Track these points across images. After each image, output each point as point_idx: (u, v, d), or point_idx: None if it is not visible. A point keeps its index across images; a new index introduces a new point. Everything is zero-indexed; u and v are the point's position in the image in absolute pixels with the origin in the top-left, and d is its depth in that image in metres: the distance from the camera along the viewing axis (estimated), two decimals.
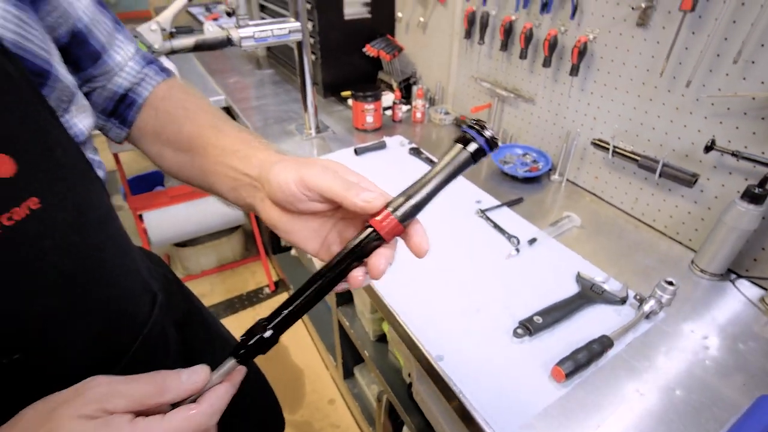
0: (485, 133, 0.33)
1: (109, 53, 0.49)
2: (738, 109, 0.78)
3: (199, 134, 0.46)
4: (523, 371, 0.67)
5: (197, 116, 0.48)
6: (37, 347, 0.34)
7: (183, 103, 0.51)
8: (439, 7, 1.41)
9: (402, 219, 0.34)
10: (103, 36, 0.47)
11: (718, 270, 0.83)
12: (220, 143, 0.45)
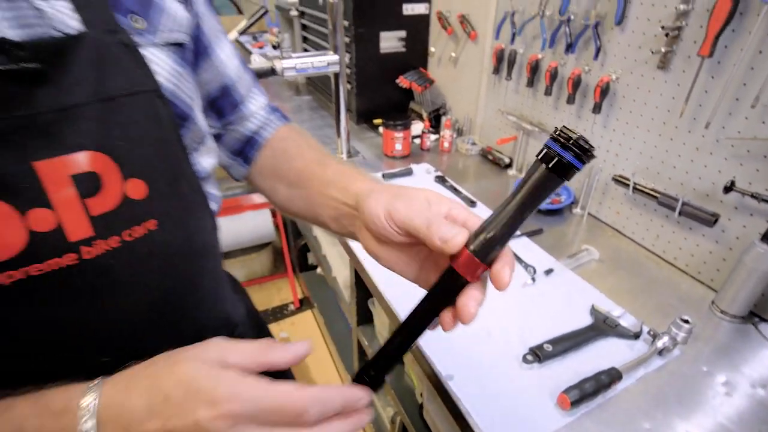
0: (572, 146, 0.28)
1: (246, 104, 0.58)
2: (758, 152, 0.79)
3: (305, 168, 0.52)
4: (529, 396, 0.69)
5: (305, 153, 0.55)
6: (124, 354, 0.36)
7: (296, 142, 0.58)
8: (470, 44, 1.48)
9: (483, 257, 0.32)
10: (243, 90, 0.57)
11: (740, 312, 0.82)
12: (323, 176, 0.49)
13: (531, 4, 1.17)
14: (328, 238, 1.52)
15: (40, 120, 0.32)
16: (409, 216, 0.36)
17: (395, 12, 1.58)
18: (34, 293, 0.33)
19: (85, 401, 0.27)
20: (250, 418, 0.29)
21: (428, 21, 1.65)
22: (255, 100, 0.59)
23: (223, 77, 0.54)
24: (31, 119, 0.31)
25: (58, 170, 0.32)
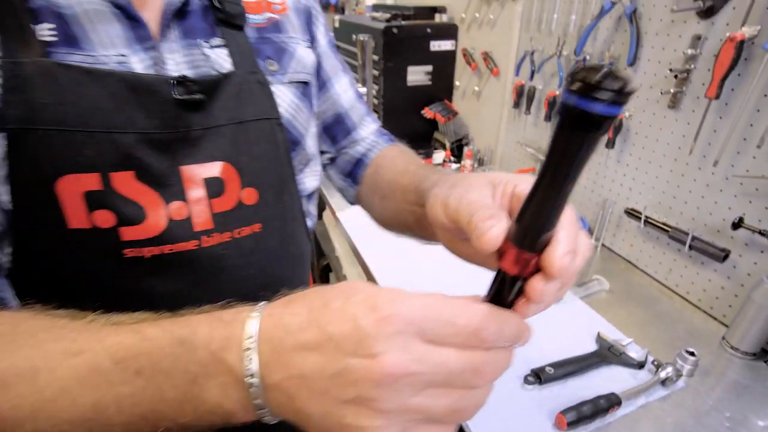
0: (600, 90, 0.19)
1: (358, 130, 0.64)
2: (766, 190, 0.80)
3: (393, 179, 0.54)
4: (528, 416, 0.71)
5: (396, 163, 0.57)
6: None
7: (392, 158, 0.60)
8: (492, 79, 1.55)
9: (530, 247, 0.26)
10: (355, 118, 0.64)
11: (751, 349, 0.82)
12: (403, 183, 0.50)
13: (549, 44, 1.24)
14: (348, 259, 1.58)
15: (192, 135, 0.41)
16: (457, 208, 0.32)
17: (423, 48, 1.69)
18: (162, 268, 0.41)
19: (253, 313, 0.27)
20: (416, 330, 0.24)
21: (454, 57, 1.75)
22: (366, 126, 0.65)
23: (337, 107, 0.61)
24: (186, 134, 0.41)
25: (196, 174, 0.42)
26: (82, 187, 0.38)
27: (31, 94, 0.36)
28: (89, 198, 0.38)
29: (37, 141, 0.36)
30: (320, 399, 0.25)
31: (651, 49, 0.97)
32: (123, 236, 0.39)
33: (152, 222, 0.40)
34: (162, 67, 0.42)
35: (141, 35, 0.41)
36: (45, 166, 0.37)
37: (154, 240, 0.40)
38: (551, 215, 0.25)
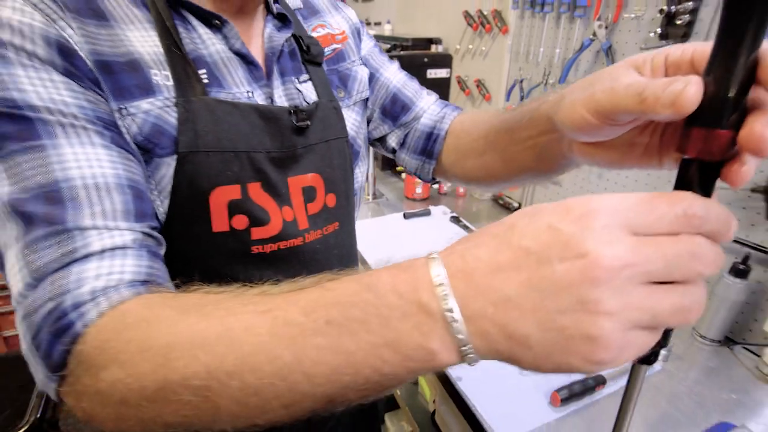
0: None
1: (416, 103, 0.67)
2: (723, 200, 0.94)
3: (489, 130, 0.54)
4: (527, 395, 0.81)
5: (483, 119, 0.58)
6: None
7: (471, 119, 0.63)
8: (485, 104, 1.70)
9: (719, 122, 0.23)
10: (410, 93, 0.67)
11: (717, 336, 0.93)
12: (507, 127, 0.49)
13: (537, 73, 1.39)
14: None
15: (296, 153, 0.51)
16: (612, 99, 0.28)
17: (421, 76, 1.83)
18: (277, 261, 0.50)
19: (432, 256, 0.26)
20: (620, 221, 0.22)
21: (449, 83, 1.90)
22: (424, 98, 0.67)
23: (390, 89, 0.66)
24: (294, 152, 0.51)
25: (297, 183, 0.51)
26: (227, 197, 0.46)
27: (196, 125, 0.44)
28: (231, 205, 0.46)
29: (199, 162, 0.44)
30: (534, 316, 0.23)
31: None
32: (252, 236, 0.48)
33: (274, 223, 0.49)
34: (273, 100, 0.52)
35: (257, 75, 0.51)
36: (203, 182, 0.44)
37: (274, 238, 0.49)
38: (741, 84, 0.21)
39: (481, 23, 1.61)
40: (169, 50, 0.44)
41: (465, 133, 0.61)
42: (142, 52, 0.43)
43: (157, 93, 0.43)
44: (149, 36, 0.44)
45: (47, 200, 0.35)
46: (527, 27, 1.40)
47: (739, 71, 0.22)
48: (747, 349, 0.92)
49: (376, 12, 2.59)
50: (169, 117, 0.43)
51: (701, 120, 0.23)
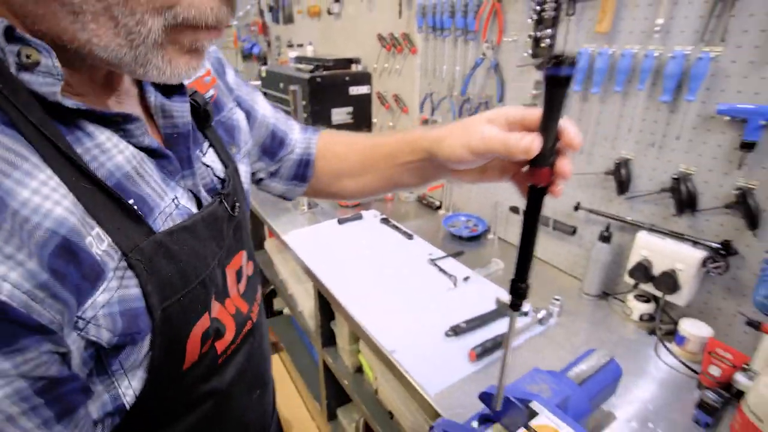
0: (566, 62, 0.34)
1: (289, 135, 0.68)
2: (590, 183, 1.17)
3: (365, 155, 0.63)
4: (450, 357, 0.96)
5: (355, 145, 0.66)
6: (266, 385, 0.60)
7: (340, 144, 0.69)
8: (403, 116, 1.89)
9: (547, 163, 0.40)
10: (283, 125, 0.68)
11: (596, 292, 1.16)
12: (385, 152, 0.60)
13: (443, 87, 1.60)
14: (295, 276, 1.76)
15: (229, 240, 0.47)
16: (488, 142, 0.44)
17: (344, 93, 1.99)
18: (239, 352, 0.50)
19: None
20: None
21: (370, 99, 2.07)
22: (293, 130, 0.70)
23: (268, 125, 0.66)
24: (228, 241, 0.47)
25: (232, 270, 0.47)
26: (200, 330, 0.41)
27: (160, 277, 0.36)
28: (203, 336, 0.41)
29: (174, 315, 0.38)
30: None
31: (511, 90, 1.35)
32: (218, 350, 0.45)
33: (229, 326, 0.46)
34: (198, 194, 0.44)
35: (171, 170, 0.41)
36: (181, 331, 0.39)
37: (234, 338, 0.47)
38: (554, 141, 0.40)
39: (394, 45, 1.80)
40: (77, 187, 0.32)
41: (338, 158, 0.68)
42: (61, 216, 0.30)
43: (105, 271, 0.33)
44: (48, 180, 0.31)
45: None
46: (432, 48, 1.61)
47: (552, 135, 0.40)
48: (616, 298, 1.16)
49: (298, 34, 2.72)
50: (129, 290, 0.35)
51: (537, 162, 0.41)
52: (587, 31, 1.08)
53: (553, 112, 0.39)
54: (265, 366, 0.60)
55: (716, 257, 0.93)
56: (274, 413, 0.68)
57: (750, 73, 0.82)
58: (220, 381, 0.47)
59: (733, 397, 0.80)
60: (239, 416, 0.53)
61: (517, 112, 0.45)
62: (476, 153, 0.46)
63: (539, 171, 0.42)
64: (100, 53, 0.32)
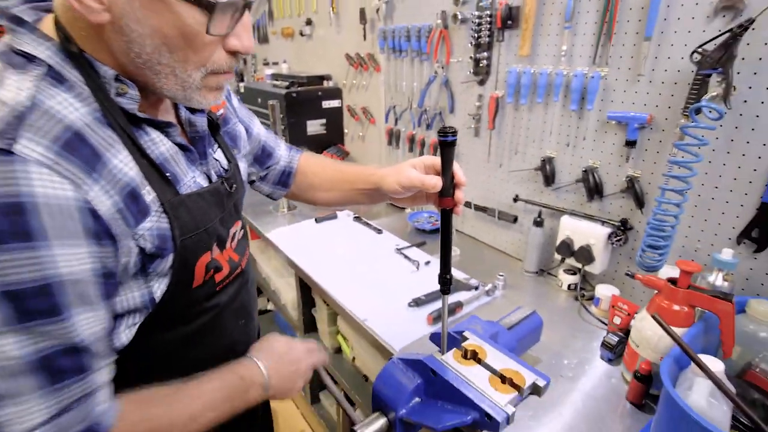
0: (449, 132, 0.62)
1: (275, 150, 0.93)
2: (525, 178, 1.41)
3: (333, 178, 0.93)
4: (413, 322, 1.17)
5: (327, 169, 0.95)
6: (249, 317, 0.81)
7: (317, 164, 0.97)
8: (371, 126, 2.11)
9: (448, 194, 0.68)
10: (271, 142, 0.93)
11: (534, 269, 1.39)
12: (348, 179, 0.90)
13: (404, 100, 1.83)
14: (278, 271, 1.93)
15: (230, 210, 0.69)
16: (411, 181, 0.73)
17: (317, 106, 2.20)
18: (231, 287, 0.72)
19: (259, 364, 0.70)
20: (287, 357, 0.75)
21: (341, 112, 2.28)
22: (279, 147, 0.95)
23: (260, 140, 0.90)
24: (229, 210, 0.69)
25: (232, 231, 0.70)
26: (204, 261, 0.62)
27: (180, 220, 0.58)
28: (207, 266, 0.63)
29: (187, 246, 0.59)
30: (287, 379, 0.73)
31: (460, 103, 1.59)
32: (216, 280, 0.67)
33: (225, 267, 0.68)
34: (209, 176, 0.66)
35: (193, 158, 0.64)
36: (191, 258, 0.60)
37: (227, 276, 0.69)
38: (451, 181, 0.67)
39: (360, 63, 2.02)
40: (140, 162, 0.54)
41: (314, 175, 0.96)
42: (131, 176, 0.52)
43: (151, 211, 0.55)
44: (126, 157, 0.53)
45: (69, 356, 0.48)
46: (393, 66, 1.84)
47: (449, 176, 0.66)
48: (550, 274, 1.39)
49: (273, 53, 2.92)
50: (163, 223, 0.56)
51: (442, 193, 0.67)
52: (514, 54, 1.32)
53: (447, 162, 0.66)
54: (251, 304, 0.83)
55: (618, 232, 1.17)
56: None
57: (627, 88, 1.08)
58: (216, 302, 0.69)
59: (625, 336, 1.03)
60: (229, 333, 0.75)
61: (430, 161, 0.75)
62: (404, 187, 0.75)
63: (444, 199, 0.68)
64: (165, 93, 0.55)
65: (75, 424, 0.49)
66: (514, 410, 0.66)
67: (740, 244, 0.95)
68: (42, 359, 0.46)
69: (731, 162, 0.94)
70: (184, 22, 0.48)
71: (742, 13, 0.85)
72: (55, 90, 0.48)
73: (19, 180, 0.42)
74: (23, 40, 0.49)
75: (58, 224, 0.44)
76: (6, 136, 0.43)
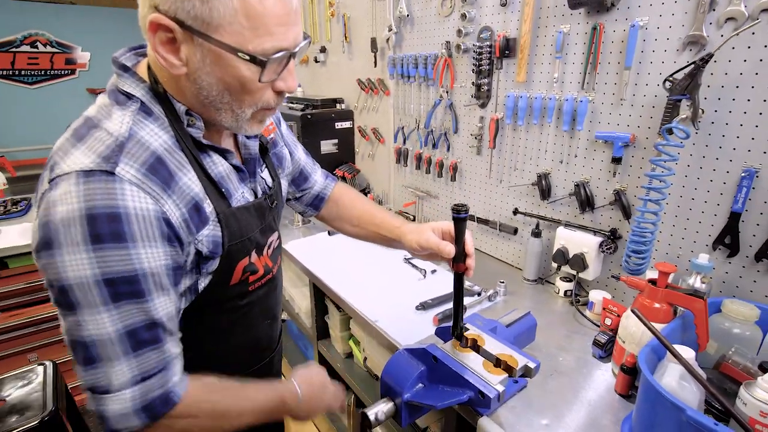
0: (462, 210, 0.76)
1: (312, 176, 1.06)
2: (523, 192, 1.53)
3: (362, 216, 1.05)
4: (420, 324, 1.27)
5: (357, 205, 1.07)
6: (274, 318, 0.93)
7: (349, 198, 1.09)
8: (380, 146, 2.25)
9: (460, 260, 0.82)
10: (309, 168, 1.05)
11: (533, 277, 1.49)
12: (375, 222, 1.02)
13: (411, 122, 1.97)
14: (293, 281, 2.05)
15: (270, 222, 0.82)
16: (429, 243, 0.86)
17: (330, 127, 2.35)
18: (263, 289, 0.83)
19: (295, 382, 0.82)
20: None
21: (353, 132, 2.43)
22: (316, 173, 1.08)
23: (300, 165, 1.03)
24: (269, 222, 0.81)
25: (270, 240, 0.82)
26: (243, 264, 0.74)
27: (230, 229, 0.70)
28: (245, 269, 0.75)
29: (232, 250, 0.71)
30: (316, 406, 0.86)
31: (463, 124, 1.72)
32: (250, 280, 0.78)
33: (260, 270, 0.79)
34: (256, 193, 0.79)
35: (243, 177, 0.77)
36: (233, 261, 0.72)
37: (260, 278, 0.80)
38: (463, 251, 0.83)
39: (371, 88, 2.18)
40: (203, 180, 0.68)
41: (345, 208, 1.09)
42: (197, 191, 0.66)
43: (209, 220, 0.68)
44: (193, 176, 0.66)
45: (149, 330, 0.61)
46: (401, 90, 1.99)
47: (461, 245, 0.83)
48: (548, 282, 1.49)
49: None
50: (217, 231, 0.69)
51: (455, 259, 0.84)
52: (511, 80, 1.46)
53: (460, 234, 0.79)
54: (277, 308, 0.95)
55: (607, 241, 1.28)
56: (279, 343, 1.01)
57: (612, 110, 1.20)
58: (248, 301, 0.81)
59: (615, 335, 1.13)
60: (255, 330, 0.87)
61: (447, 227, 0.87)
62: (423, 247, 0.88)
63: (457, 264, 0.82)
64: (222, 124, 0.69)
65: (155, 389, 0.62)
66: (503, 389, 0.77)
67: (715, 249, 1.06)
68: (129, 332, 0.59)
69: (704, 176, 1.05)
70: (242, 74, 0.61)
71: (704, 48, 0.97)
72: (146, 122, 0.64)
73: (117, 195, 0.56)
74: (126, 82, 0.65)
75: (142, 230, 0.58)
76: (111, 161, 0.58)
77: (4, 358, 2.01)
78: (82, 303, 0.56)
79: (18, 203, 2.36)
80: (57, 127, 5.77)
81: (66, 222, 0.55)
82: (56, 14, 5.34)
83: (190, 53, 0.60)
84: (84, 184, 0.55)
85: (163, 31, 0.58)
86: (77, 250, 0.55)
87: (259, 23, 0.58)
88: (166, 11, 0.57)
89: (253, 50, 0.59)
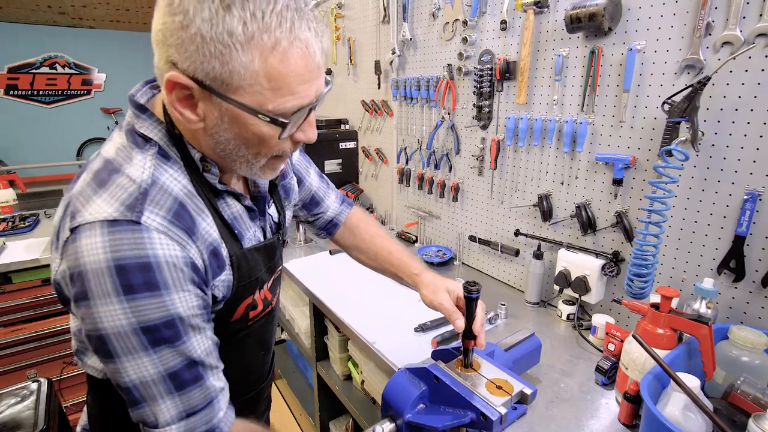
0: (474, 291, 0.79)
1: (324, 201, 1.04)
2: (525, 213, 1.52)
3: (378, 252, 1.03)
4: (418, 346, 1.25)
5: (376, 241, 1.05)
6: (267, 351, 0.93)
7: (365, 228, 1.07)
8: (383, 166, 2.26)
9: (470, 337, 0.82)
10: (321, 193, 1.03)
11: (535, 300, 1.47)
12: (392, 261, 1.01)
13: (414, 142, 1.98)
14: (293, 300, 2.03)
15: (277, 258, 0.83)
16: (441, 308, 0.88)
17: (334, 147, 2.37)
18: (262, 322, 0.83)
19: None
20: None
21: (356, 152, 2.45)
22: (329, 197, 1.06)
23: (311, 190, 1.01)
24: (276, 259, 0.82)
25: (274, 276, 0.83)
26: (246, 302, 0.75)
27: (240, 271, 0.70)
28: (246, 307, 0.75)
29: (239, 291, 0.71)
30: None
31: (465, 145, 1.73)
32: (250, 316, 0.78)
33: (259, 305, 0.79)
34: (265, 231, 0.79)
35: (254, 216, 0.76)
36: (238, 300, 0.72)
37: (259, 313, 0.80)
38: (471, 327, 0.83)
39: (375, 109, 2.21)
40: (218, 223, 0.68)
41: (362, 240, 1.08)
42: (215, 237, 0.66)
43: (225, 265, 0.69)
44: (211, 221, 0.67)
45: (189, 369, 0.61)
46: (404, 112, 2.01)
47: (470, 322, 0.82)
48: (551, 305, 1.46)
49: None
50: (230, 275, 0.69)
51: (465, 335, 0.83)
52: (512, 102, 1.47)
53: (471, 312, 0.80)
54: (271, 339, 0.95)
55: (610, 264, 1.26)
56: (270, 373, 0.99)
57: (612, 132, 1.20)
58: (244, 335, 0.81)
59: (617, 361, 1.09)
60: (248, 362, 0.87)
61: (461, 293, 0.86)
62: (434, 308, 0.90)
63: (467, 340, 0.82)
64: (238, 172, 0.68)
65: (201, 425, 0.63)
66: (506, 411, 0.74)
67: (721, 273, 1.03)
68: (170, 374, 0.60)
69: (707, 199, 1.03)
70: (262, 131, 0.60)
71: (702, 71, 0.98)
72: (165, 166, 0.64)
73: (146, 244, 0.57)
74: (144, 124, 0.65)
75: (174, 277, 0.59)
76: (136, 210, 0.58)
77: (4, 373, 2.00)
78: (121, 351, 0.57)
79: (26, 219, 2.40)
80: (68, 145, 5.89)
81: (96, 273, 0.55)
82: (75, 37, 5.54)
83: (208, 111, 0.59)
84: (110, 234, 0.55)
85: (180, 88, 0.57)
86: (110, 301, 0.55)
87: (282, 83, 0.56)
88: (184, 70, 0.55)
89: (274, 110, 0.57)
